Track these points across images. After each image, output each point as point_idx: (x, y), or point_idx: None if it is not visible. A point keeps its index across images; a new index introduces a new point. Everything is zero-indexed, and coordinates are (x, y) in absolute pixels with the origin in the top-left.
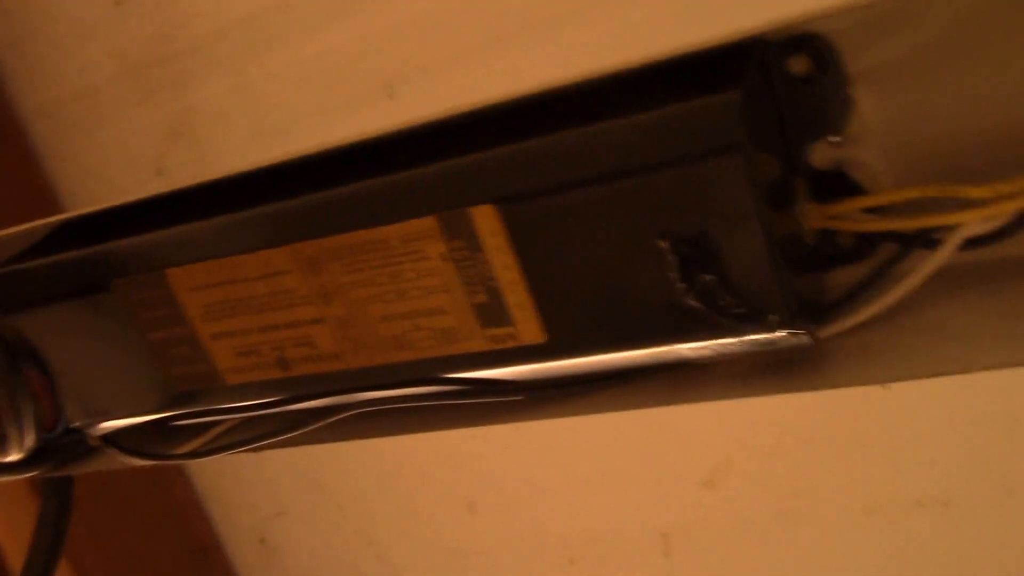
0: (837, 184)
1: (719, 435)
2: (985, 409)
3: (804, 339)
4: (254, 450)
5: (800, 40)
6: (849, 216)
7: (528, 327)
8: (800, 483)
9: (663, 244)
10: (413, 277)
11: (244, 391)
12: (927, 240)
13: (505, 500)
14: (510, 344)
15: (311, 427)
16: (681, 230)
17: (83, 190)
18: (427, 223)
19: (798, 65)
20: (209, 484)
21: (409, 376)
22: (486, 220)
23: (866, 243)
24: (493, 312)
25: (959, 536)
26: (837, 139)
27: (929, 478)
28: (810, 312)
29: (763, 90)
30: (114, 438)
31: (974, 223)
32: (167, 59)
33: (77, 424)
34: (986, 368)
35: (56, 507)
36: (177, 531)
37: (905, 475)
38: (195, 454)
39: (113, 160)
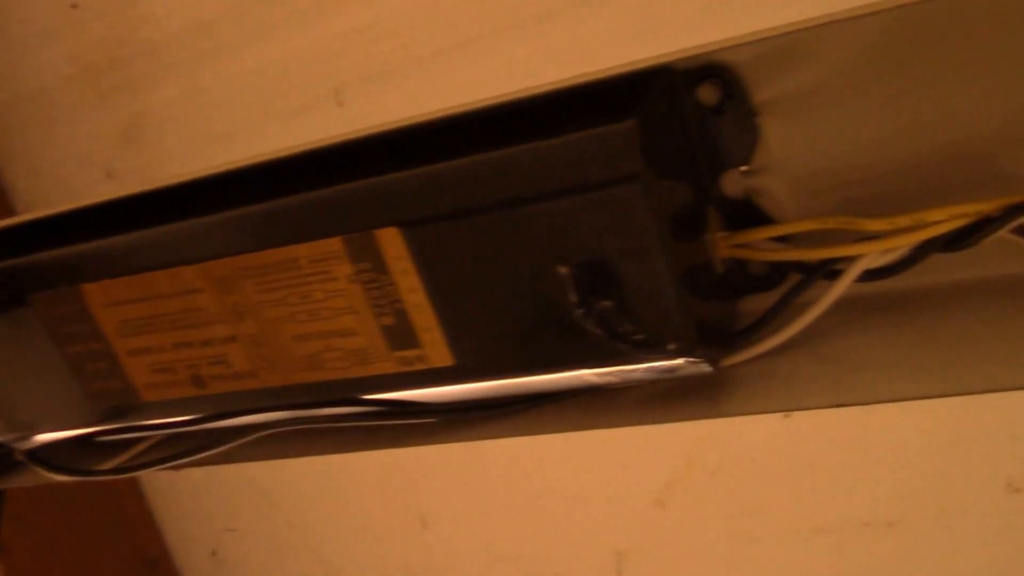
0: (748, 213)
1: (670, 454)
2: (929, 431)
3: (704, 367)
4: (175, 467)
5: (708, 70)
6: (756, 245)
7: (436, 350)
8: (749, 502)
9: (564, 270)
10: (322, 298)
11: (162, 408)
12: (829, 271)
13: (457, 516)
14: (419, 367)
15: (229, 445)
16: (582, 256)
17: (35, 190)
18: (334, 244)
19: (706, 95)
20: (161, 497)
21: (323, 396)
22: (391, 243)
23: (777, 272)
24: (401, 334)
25: (903, 557)
26: (746, 168)
27: (875, 499)
28: (719, 340)
29: (670, 119)
30: (38, 454)
31: (873, 255)
32: (120, 63)
33: (2, 439)
34: (884, 400)
35: None
36: (128, 543)
37: (852, 496)
38: (118, 471)
39: (65, 161)
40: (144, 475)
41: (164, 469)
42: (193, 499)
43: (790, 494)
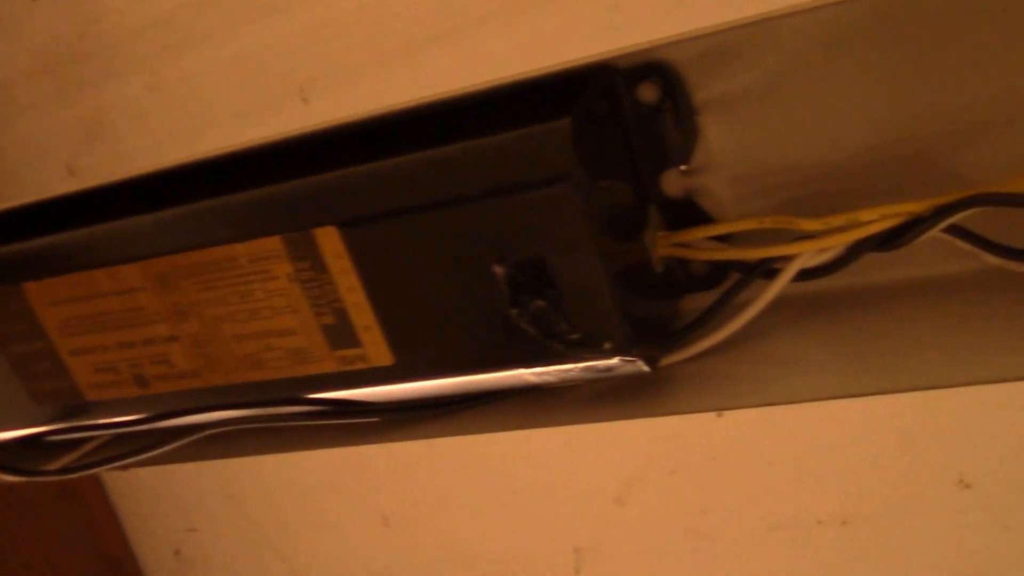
0: (689, 212)
1: (630, 452)
2: (881, 429)
3: (640, 367)
4: (122, 467)
5: (648, 69)
6: (695, 244)
7: (376, 349)
8: (707, 500)
9: (499, 269)
10: (263, 297)
11: (107, 407)
12: (767, 270)
13: (420, 514)
14: (360, 366)
15: (174, 445)
16: (518, 255)
17: None
18: (273, 243)
19: (647, 93)
20: (124, 496)
21: (266, 396)
22: (329, 242)
23: (718, 271)
24: (341, 334)
25: (857, 554)
26: (686, 168)
27: (830, 497)
28: (658, 339)
29: (609, 117)
30: None
31: (808, 255)
32: (81, 57)
33: None
34: (817, 399)
35: None
36: (89, 543)
37: (807, 494)
38: (66, 470)
39: (25, 158)
40: (106, 474)
41: (111, 469)
42: (156, 499)
43: (747, 492)
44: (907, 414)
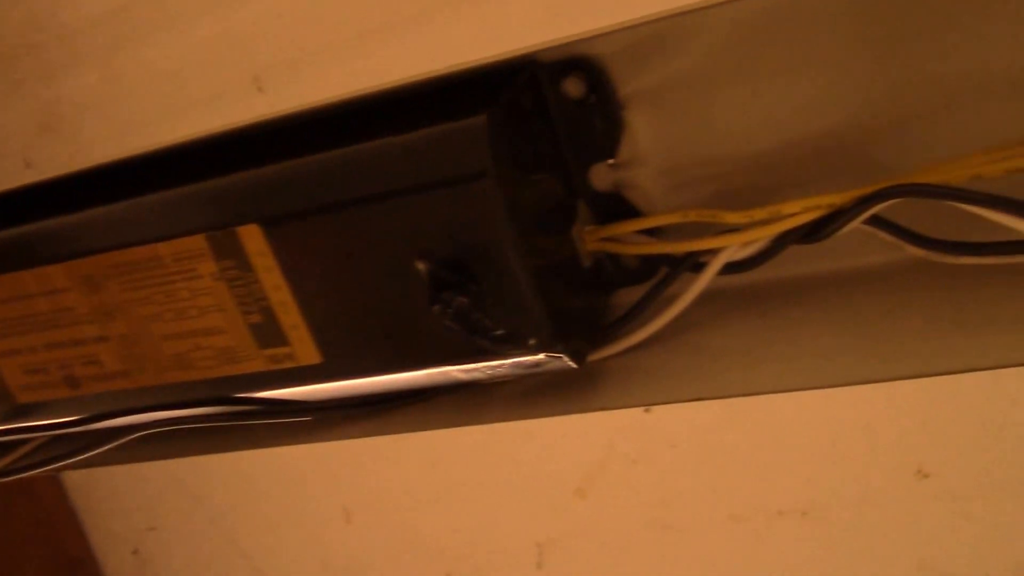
0: (618, 207)
1: (591, 444)
2: (840, 420)
3: (567, 362)
4: (56, 470)
5: (572, 63)
6: (623, 239)
7: (304, 348)
8: (668, 491)
9: (422, 266)
10: (188, 296)
11: (40, 410)
12: (695, 264)
13: (382, 509)
14: (288, 364)
15: (108, 446)
16: (441, 252)
17: None
18: (197, 241)
19: (572, 88)
20: (82, 494)
21: (197, 396)
22: (253, 240)
23: (649, 266)
24: (269, 332)
25: (818, 545)
26: (613, 162)
27: (789, 488)
28: (587, 334)
29: (533, 112)
30: None
31: (733, 248)
32: (36, 49)
33: None
34: (744, 393)
35: None
36: (48, 542)
37: (767, 484)
38: (3, 473)
39: None
40: (65, 474)
41: (47, 471)
42: (116, 498)
43: (708, 483)
44: (867, 405)
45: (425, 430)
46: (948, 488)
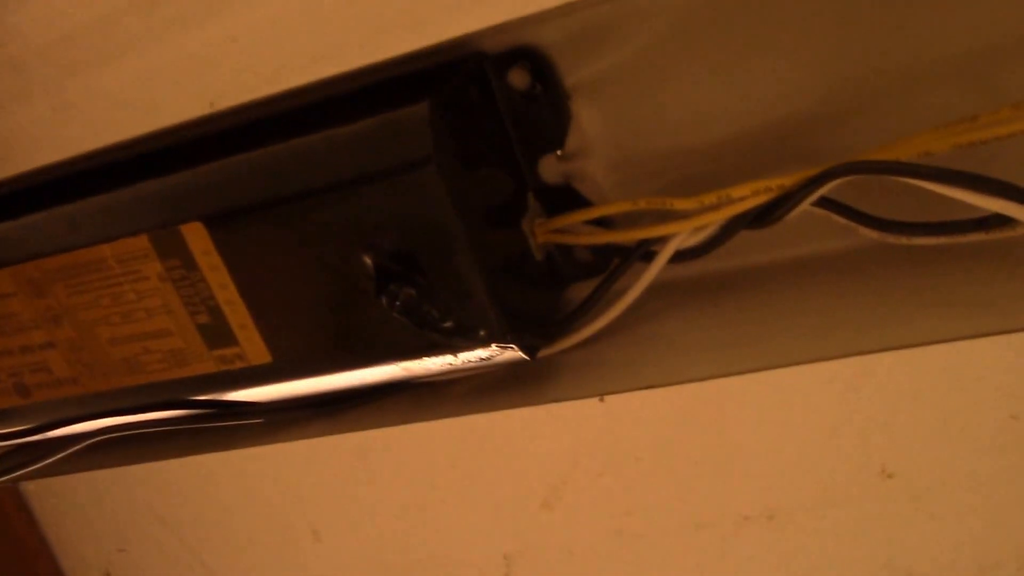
0: (568, 199)
1: (557, 456)
2: (801, 421)
3: (519, 354)
4: (10, 482)
5: (517, 53)
6: (573, 229)
7: (253, 347)
8: (635, 501)
9: (368, 259)
10: (135, 299)
11: None
12: (645, 253)
13: (349, 525)
14: (239, 365)
15: (58, 456)
16: (387, 244)
17: None
18: (140, 242)
19: (518, 79)
20: (51, 517)
21: (148, 400)
22: (197, 238)
23: (602, 257)
24: (217, 332)
25: (784, 548)
26: (560, 153)
27: (754, 492)
28: (540, 327)
29: (479, 103)
30: None
31: (683, 235)
32: None
33: None
34: (693, 380)
35: None
36: (16, 565)
37: (731, 489)
38: None
39: None
40: (32, 495)
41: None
42: (85, 519)
43: (674, 491)
44: (827, 405)
45: (378, 428)
46: (913, 487)
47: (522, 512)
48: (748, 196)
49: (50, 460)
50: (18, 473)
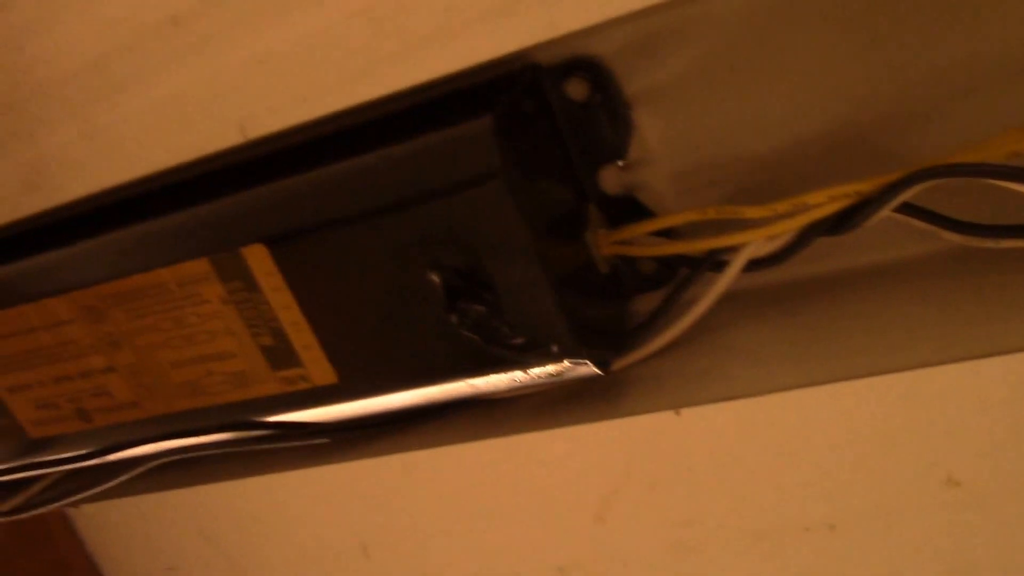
0: (630, 209)
1: (608, 468)
2: (862, 429)
3: (591, 369)
4: (72, 504)
5: (575, 64)
6: (638, 241)
7: (318, 367)
8: (689, 512)
9: (435, 276)
10: (196, 321)
11: (52, 444)
12: (716, 263)
13: (398, 541)
14: (303, 386)
15: (122, 478)
16: (454, 261)
17: None
18: (201, 265)
19: (576, 90)
20: (97, 538)
21: (210, 422)
22: (258, 260)
23: (667, 269)
24: (281, 353)
25: (847, 559)
26: (622, 163)
27: (814, 502)
28: (611, 341)
29: (538, 116)
30: None
31: (756, 243)
32: (15, 108)
33: None
34: (775, 390)
35: None
36: None
37: (791, 500)
38: (17, 511)
39: None
40: (79, 517)
41: (62, 506)
42: (132, 539)
43: (729, 502)
44: (890, 412)
45: (446, 445)
46: (979, 496)
47: (574, 525)
48: (824, 203)
49: (112, 483)
50: (82, 495)
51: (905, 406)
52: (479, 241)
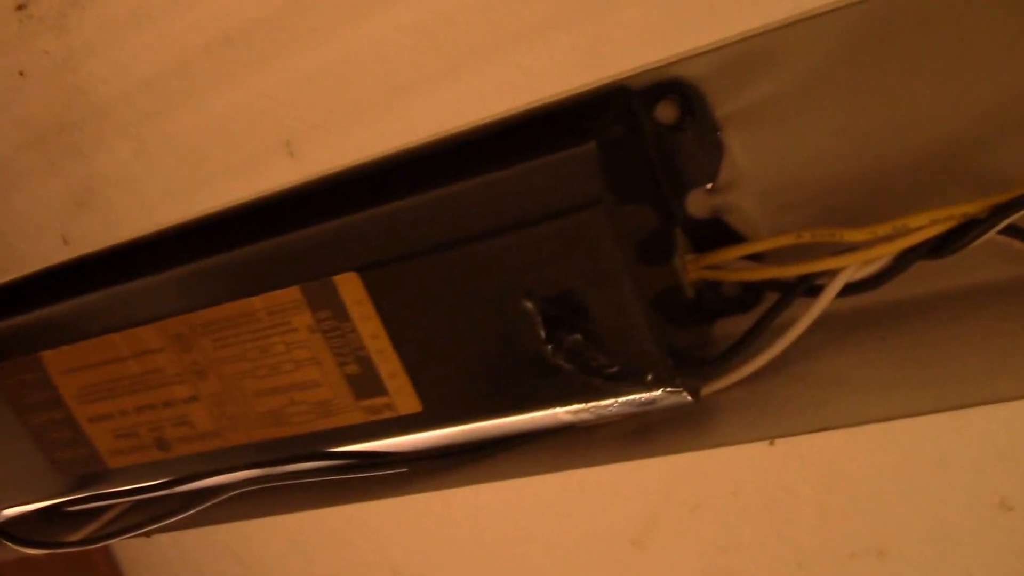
0: (717, 233)
1: (647, 493)
2: (912, 452)
3: (683, 397)
4: (145, 534)
5: (665, 87)
6: (728, 265)
7: (403, 396)
8: (731, 538)
9: (529, 305)
10: (283, 350)
11: (128, 473)
12: (809, 287)
13: (431, 569)
14: (387, 415)
15: (198, 508)
16: (547, 289)
17: None
18: (291, 294)
19: (666, 113)
20: (135, 565)
21: (290, 451)
22: (350, 288)
23: (751, 293)
24: (367, 383)
25: None
26: (711, 186)
27: (861, 527)
28: (695, 367)
29: (629, 140)
30: (6, 527)
31: (853, 267)
32: (69, 127)
33: None
34: (872, 421)
35: None
36: None
37: (837, 526)
38: (87, 541)
39: (19, 231)
40: (117, 544)
41: (135, 536)
42: (169, 566)
43: (772, 527)
44: (940, 435)
45: (530, 476)
46: None
47: (612, 551)
48: (927, 226)
49: (186, 514)
50: (164, 523)
51: (956, 430)
52: (575, 269)
